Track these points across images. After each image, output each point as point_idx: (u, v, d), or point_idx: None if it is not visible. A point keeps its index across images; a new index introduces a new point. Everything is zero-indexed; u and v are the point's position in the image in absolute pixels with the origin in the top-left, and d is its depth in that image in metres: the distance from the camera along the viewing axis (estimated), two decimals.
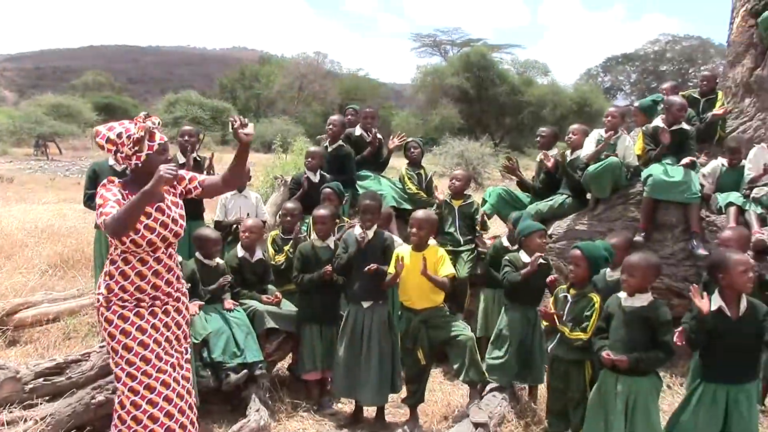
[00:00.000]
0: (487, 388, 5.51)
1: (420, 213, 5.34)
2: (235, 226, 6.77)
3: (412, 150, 8.01)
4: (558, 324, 4.63)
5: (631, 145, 7.19)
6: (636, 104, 8.18)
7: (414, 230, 5.21)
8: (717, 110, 7.66)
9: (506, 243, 6.28)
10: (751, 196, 6.65)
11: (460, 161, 23.94)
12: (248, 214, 6.84)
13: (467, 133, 31.02)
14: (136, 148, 3.69)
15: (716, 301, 4.08)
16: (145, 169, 3.69)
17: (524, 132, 34.48)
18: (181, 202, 3.94)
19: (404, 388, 5.43)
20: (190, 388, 4.00)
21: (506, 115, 36.42)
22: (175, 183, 3.88)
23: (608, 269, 5.15)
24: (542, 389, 5.52)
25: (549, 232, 7.10)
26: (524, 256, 5.51)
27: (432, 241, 6.75)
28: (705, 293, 4.11)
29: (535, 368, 5.48)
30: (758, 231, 6.33)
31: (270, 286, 6.04)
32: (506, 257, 5.66)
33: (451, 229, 6.93)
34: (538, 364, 5.45)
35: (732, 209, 6.60)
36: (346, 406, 5.74)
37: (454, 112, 33.30)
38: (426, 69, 36.95)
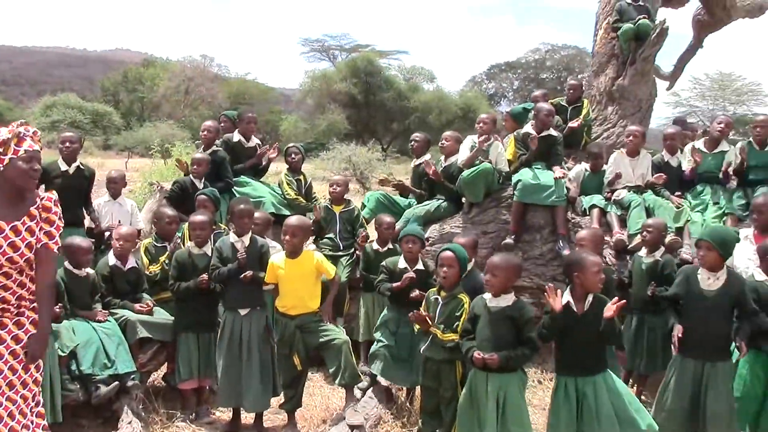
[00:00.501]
0: (358, 392, 5.61)
1: (293, 219, 5.36)
2: (108, 233, 6.59)
3: (293, 156, 8.01)
4: (431, 326, 4.74)
5: (503, 151, 7.47)
6: (507, 111, 8.52)
7: (287, 237, 5.22)
8: (572, 123, 8.06)
9: (376, 246, 6.41)
10: (612, 198, 7.05)
11: (347, 166, 24.04)
12: (119, 222, 6.68)
13: (355, 138, 31.22)
14: (0, 149, 3.52)
15: (565, 297, 4.33)
16: (6, 173, 3.53)
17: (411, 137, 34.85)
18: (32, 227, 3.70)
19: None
20: (24, 408, 3.68)
21: (394, 120, 36.90)
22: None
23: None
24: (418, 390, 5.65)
25: (426, 236, 7.29)
26: (401, 262, 5.65)
27: (313, 246, 6.82)
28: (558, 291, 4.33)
29: (412, 369, 5.57)
30: (618, 231, 6.74)
31: (144, 295, 5.91)
32: (383, 263, 5.78)
33: (331, 234, 7.02)
34: (415, 365, 5.56)
35: (595, 211, 7.00)
36: (224, 414, 5.69)
37: (341, 117, 33.44)
38: (314, 74, 36.97)
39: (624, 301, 4.24)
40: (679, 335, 4.64)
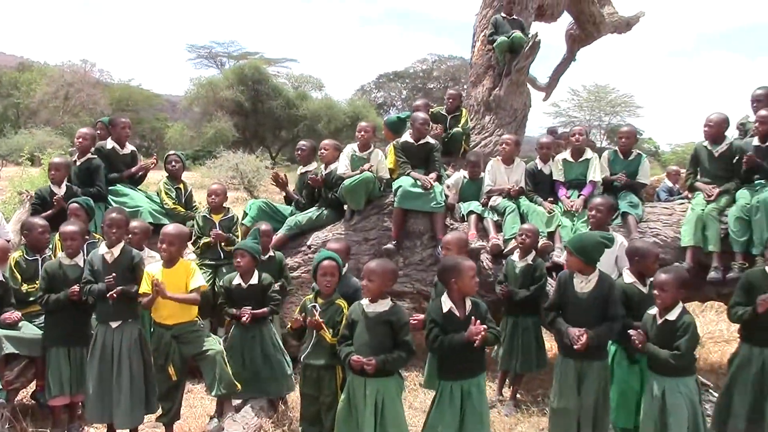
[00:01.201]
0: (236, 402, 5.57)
1: (170, 228, 5.27)
2: None
3: (173, 164, 7.84)
4: (322, 329, 4.73)
5: (384, 159, 7.58)
6: (384, 120, 8.66)
7: (164, 246, 5.13)
8: (434, 131, 8.20)
9: None
10: (489, 204, 7.28)
11: (235, 174, 23.69)
12: None
13: (243, 146, 30.79)
14: None
15: (447, 303, 4.44)
16: None
17: None
18: None
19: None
20: None
21: (282, 128, 36.55)
22: None
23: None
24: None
25: (308, 243, 7.31)
26: (237, 278, 5.70)
27: (193, 256, 6.69)
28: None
29: (272, 380, 5.61)
30: (494, 236, 6.96)
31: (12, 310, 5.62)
32: (221, 281, 5.92)
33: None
34: (268, 375, 5.59)
35: (472, 217, 7.21)
36: (98, 430, 5.50)
37: (229, 124, 32.86)
38: (200, 81, 36.16)
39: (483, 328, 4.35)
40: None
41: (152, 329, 5.38)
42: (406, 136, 7.58)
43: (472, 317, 4.35)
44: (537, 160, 7.61)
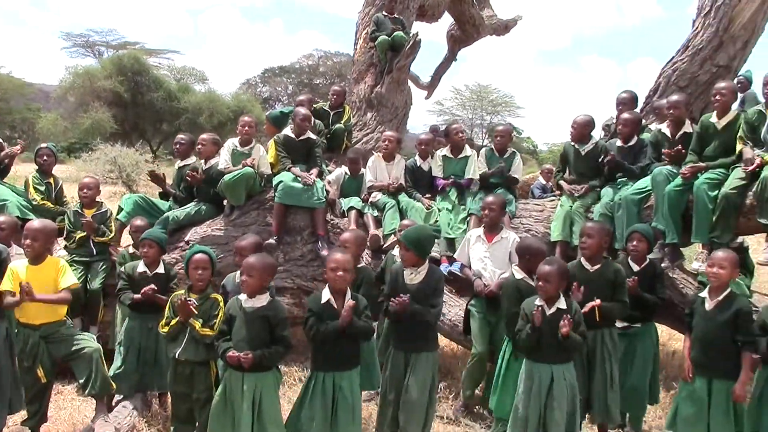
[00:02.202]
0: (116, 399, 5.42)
1: (35, 223, 5.07)
2: None
3: (44, 157, 7.47)
4: (191, 318, 4.67)
5: (265, 154, 7.54)
6: (266, 115, 8.62)
7: (28, 241, 4.91)
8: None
9: (132, 250, 6.23)
10: (369, 200, 7.38)
11: (113, 168, 22.90)
12: None
13: (122, 138, 29.76)
14: None
15: (326, 295, 4.52)
16: None
17: None
18: None
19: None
20: None
21: (163, 121, 35.59)
22: None
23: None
24: None
25: (186, 238, 7.18)
26: (141, 266, 5.57)
27: (63, 252, 6.43)
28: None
29: (162, 375, 5.47)
30: (374, 232, 7.06)
31: None
32: (121, 268, 5.72)
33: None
34: (164, 371, 5.44)
35: (353, 213, 7.29)
36: None
37: (107, 116, 31.63)
38: (76, 70, 34.59)
39: (353, 302, 4.48)
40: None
41: (17, 329, 5.12)
42: (288, 132, 7.56)
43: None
44: (416, 157, 7.77)
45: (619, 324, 5.36)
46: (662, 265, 6.03)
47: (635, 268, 5.46)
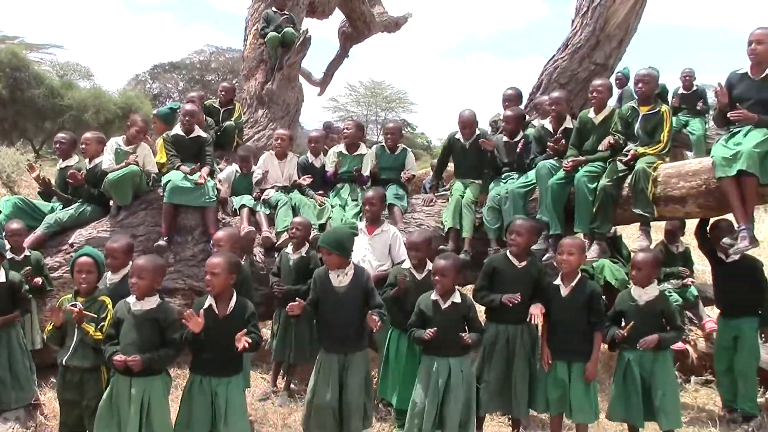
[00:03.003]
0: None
1: None
2: None
3: None
4: (84, 324, 4.49)
5: (150, 152, 7.35)
6: (155, 112, 8.41)
7: None
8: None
9: (11, 255, 5.93)
10: (262, 198, 7.33)
11: None
12: None
13: (1, 137, 28.23)
14: None
15: (209, 300, 4.49)
16: None
17: None
18: None
19: None
20: None
21: (46, 119, 33.98)
22: None
23: None
24: None
25: (71, 241, 6.92)
26: None
27: None
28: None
29: (17, 388, 5.27)
30: (266, 230, 7.02)
31: None
32: None
33: None
34: (13, 383, 5.25)
35: (245, 211, 7.21)
36: None
37: None
38: None
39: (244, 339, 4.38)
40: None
41: None
42: (177, 129, 7.41)
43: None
44: (308, 154, 7.77)
45: None
46: (547, 255, 6.28)
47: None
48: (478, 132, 7.33)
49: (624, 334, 4.95)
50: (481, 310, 5.26)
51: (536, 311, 4.99)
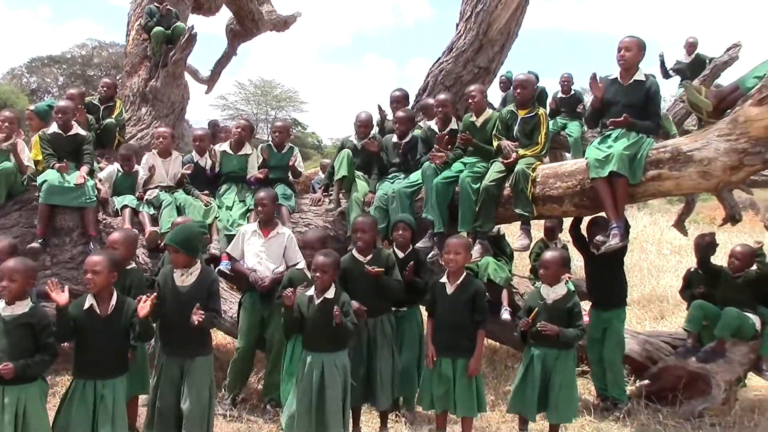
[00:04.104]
0: None
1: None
2: None
3: None
4: None
5: (26, 149, 7.04)
6: (32, 108, 8.05)
7: None
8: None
9: None
10: (144, 198, 7.14)
11: None
12: None
13: None
14: None
15: (89, 300, 4.39)
16: None
17: None
18: None
19: None
20: None
21: None
22: None
23: None
24: None
25: None
26: None
27: None
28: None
29: None
30: (151, 229, 6.84)
31: None
32: None
33: None
34: None
35: (126, 211, 7.00)
36: None
37: None
38: None
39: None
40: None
41: None
42: (55, 127, 7.10)
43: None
44: (193, 153, 7.62)
45: None
46: (433, 252, 6.41)
47: (400, 255, 5.78)
48: (373, 134, 7.45)
49: (529, 322, 5.17)
50: None
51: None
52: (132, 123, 8.75)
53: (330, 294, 4.89)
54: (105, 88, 8.50)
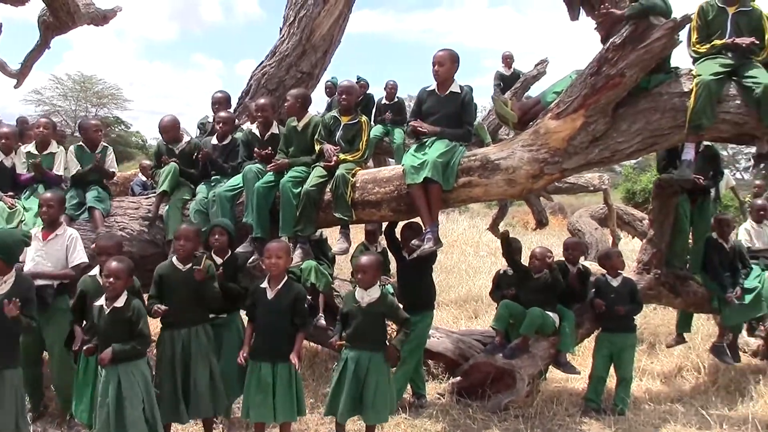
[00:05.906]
0: None
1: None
2: None
3: None
4: None
5: None
6: None
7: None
8: None
9: None
10: None
11: None
12: None
13: None
14: None
15: None
16: None
17: None
18: None
19: None
20: None
21: None
22: None
23: None
24: None
25: None
26: None
27: None
28: None
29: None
30: None
31: None
32: None
33: None
34: None
35: None
36: None
37: None
38: None
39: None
40: None
41: None
42: None
43: None
44: None
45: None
46: (253, 257, 6.37)
47: (218, 260, 5.71)
48: (188, 137, 7.29)
49: (344, 335, 5.30)
50: None
51: None
52: None
53: (120, 303, 4.78)
54: None
